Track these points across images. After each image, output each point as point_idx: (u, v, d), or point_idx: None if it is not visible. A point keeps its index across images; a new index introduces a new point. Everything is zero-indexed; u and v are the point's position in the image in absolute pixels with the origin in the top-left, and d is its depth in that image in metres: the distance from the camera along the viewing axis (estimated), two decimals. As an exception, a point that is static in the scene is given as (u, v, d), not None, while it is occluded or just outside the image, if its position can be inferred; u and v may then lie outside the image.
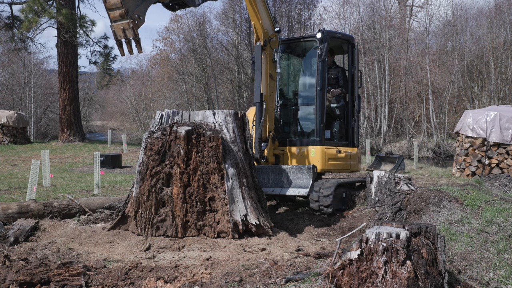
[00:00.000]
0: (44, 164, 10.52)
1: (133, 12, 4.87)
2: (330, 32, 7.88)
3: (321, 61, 7.59)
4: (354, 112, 8.21)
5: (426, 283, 3.15)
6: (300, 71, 8.46)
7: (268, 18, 7.26)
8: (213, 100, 28.95)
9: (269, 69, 7.37)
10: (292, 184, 7.01)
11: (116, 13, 4.83)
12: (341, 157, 7.84)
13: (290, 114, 8.25)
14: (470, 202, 5.64)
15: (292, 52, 8.52)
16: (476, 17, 28.09)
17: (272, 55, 7.38)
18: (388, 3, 30.57)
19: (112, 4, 4.80)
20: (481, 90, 25.17)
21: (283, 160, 7.82)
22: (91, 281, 4.10)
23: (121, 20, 4.85)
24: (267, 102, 7.34)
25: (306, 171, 6.89)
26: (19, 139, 23.70)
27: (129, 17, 4.82)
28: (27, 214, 6.38)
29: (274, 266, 4.37)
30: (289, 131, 8.20)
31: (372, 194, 7.03)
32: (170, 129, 5.54)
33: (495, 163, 11.90)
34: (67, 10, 22.61)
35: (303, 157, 7.71)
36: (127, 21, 4.83)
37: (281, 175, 7.11)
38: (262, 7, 7.09)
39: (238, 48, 28.73)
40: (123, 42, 5.02)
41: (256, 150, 7.21)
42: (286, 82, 8.51)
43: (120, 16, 4.83)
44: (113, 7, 4.80)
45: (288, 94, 8.41)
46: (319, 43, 7.62)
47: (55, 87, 32.52)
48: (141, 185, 5.55)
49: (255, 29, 7.20)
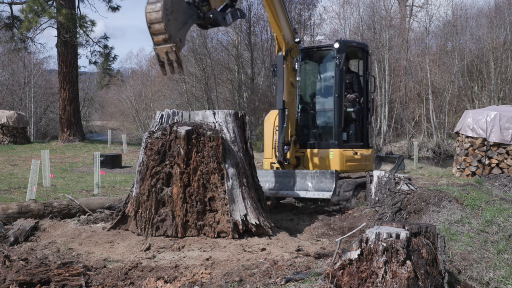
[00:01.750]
0: (44, 164, 10.52)
1: (175, 36, 5.20)
2: (347, 41, 8.52)
3: (339, 70, 8.10)
4: (369, 115, 8.70)
5: (426, 283, 3.15)
6: (318, 78, 8.93)
7: (289, 30, 7.75)
8: (213, 100, 28.94)
9: (290, 77, 7.88)
10: (316, 188, 7.47)
11: (159, 38, 5.17)
12: (358, 159, 8.28)
13: (309, 118, 8.73)
14: (470, 202, 5.63)
15: (311, 60, 9.02)
16: (476, 17, 28.10)
17: (292, 64, 7.91)
18: (388, 3, 30.58)
19: (156, 29, 5.13)
20: (481, 90, 25.17)
21: (303, 162, 8.32)
22: (91, 281, 4.10)
23: (164, 44, 5.19)
24: (289, 108, 7.88)
25: (329, 175, 7.40)
26: (19, 139, 23.69)
27: (172, 41, 5.15)
28: (27, 214, 6.38)
29: (274, 266, 4.37)
30: (309, 134, 8.68)
31: (372, 194, 7.03)
32: (170, 129, 5.54)
33: (495, 163, 11.89)
34: (67, 10, 22.61)
35: (322, 159, 8.15)
36: (170, 45, 5.16)
37: (306, 179, 7.58)
38: (284, 20, 7.57)
39: (238, 48, 28.72)
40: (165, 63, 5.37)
41: (280, 153, 7.79)
42: (305, 88, 8.95)
43: (164, 41, 5.16)
44: (157, 33, 5.14)
45: (307, 99, 8.88)
46: (336, 52, 8.12)
47: (55, 87, 32.51)
48: (141, 185, 5.55)
49: (277, 40, 7.74)
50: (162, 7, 5.04)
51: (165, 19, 5.05)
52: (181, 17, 5.33)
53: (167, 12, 5.11)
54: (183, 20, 5.37)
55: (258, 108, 26.73)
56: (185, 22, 5.43)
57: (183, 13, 5.38)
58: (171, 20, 5.14)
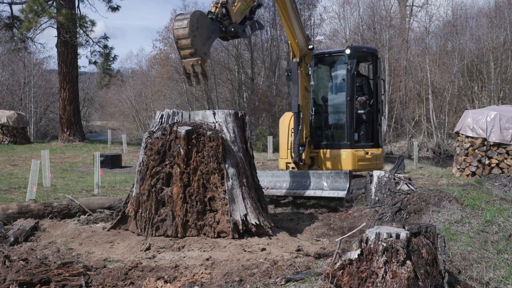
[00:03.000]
0: (44, 164, 10.52)
1: (200, 50, 5.63)
2: (358, 47, 9.07)
3: (351, 74, 8.58)
4: (379, 116, 9.16)
5: (426, 283, 3.15)
6: (330, 82, 9.44)
7: (303, 38, 8.19)
8: (213, 100, 28.93)
9: (304, 82, 8.33)
10: (331, 187, 7.80)
11: (186, 52, 5.62)
12: (369, 158, 8.79)
13: (322, 120, 9.25)
14: (470, 202, 5.63)
15: (323, 65, 9.52)
16: (476, 17, 28.09)
17: (306, 69, 8.36)
18: (388, 3, 30.57)
19: (183, 44, 5.57)
20: (481, 90, 25.17)
21: (317, 162, 8.77)
22: (91, 281, 4.10)
23: (190, 58, 5.65)
24: (303, 111, 8.34)
25: (343, 175, 7.75)
26: (19, 139, 23.69)
27: (197, 55, 5.59)
28: (27, 214, 6.38)
29: (274, 266, 4.37)
30: (322, 136, 9.17)
31: (372, 194, 7.03)
32: (170, 129, 5.54)
33: (495, 163, 11.89)
34: (67, 10, 22.61)
35: (335, 159, 8.65)
36: (196, 59, 5.61)
37: (321, 179, 7.95)
38: (298, 29, 8.01)
39: (238, 48, 28.71)
40: (191, 75, 5.82)
41: (295, 154, 8.29)
42: (317, 92, 9.44)
43: (190, 55, 5.62)
44: (184, 47, 5.59)
45: (320, 102, 9.38)
46: (347, 58, 8.61)
47: (55, 87, 32.50)
48: (141, 185, 5.55)
49: (291, 47, 8.18)
50: (189, 23, 5.49)
51: (191, 35, 5.48)
52: (205, 32, 5.76)
53: (193, 28, 5.55)
54: (207, 35, 5.80)
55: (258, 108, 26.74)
56: (209, 37, 5.86)
57: (207, 28, 5.83)
58: (196, 35, 5.56)
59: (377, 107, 9.15)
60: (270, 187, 8.27)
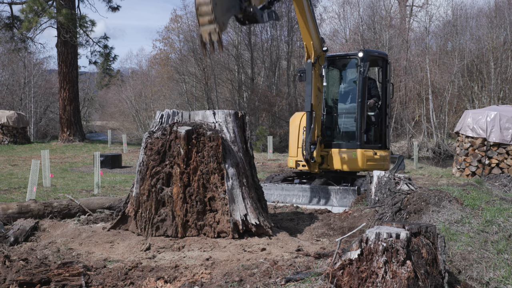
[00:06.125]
0: (44, 164, 10.52)
1: (219, 19, 5.61)
2: (370, 51, 9.24)
3: (362, 77, 8.84)
4: (387, 119, 9.41)
5: (426, 283, 3.15)
6: (342, 84, 9.73)
7: (318, 40, 8.32)
8: (213, 100, 28.94)
9: (317, 82, 8.48)
10: (340, 203, 8.14)
11: (205, 19, 5.57)
12: (377, 158, 9.03)
13: (333, 120, 9.50)
14: (470, 202, 5.63)
15: (335, 67, 9.78)
16: (476, 17, 28.10)
17: (320, 70, 8.51)
18: (388, 3, 30.58)
19: (203, 11, 5.54)
20: (481, 90, 25.17)
21: (327, 160, 9.03)
22: (91, 281, 4.10)
23: (208, 25, 5.58)
24: (316, 111, 8.49)
25: (352, 192, 8.05)
26: (19, 139, 23.70)
27: (216, 23, 5.55)
28: (27, 214, 6.38)
29: (274, 266, 4.37)
30: (333, 135, 9.41)
31: (372, 194, 7.03)
32: (170, 129, 5.54)
33: (495, 163, 11.90)
34: (67, 10, 22.62)
35: (345, 158, 8.87)
36: (214, 27, 5.55)
37: (330, 194, 8.33)
38: (314, 31, 8.15)
39: (238, 48, 28.72)
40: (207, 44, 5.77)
41: (307, 152, 8.47)
42: (329, 93, 9.70)
43: (209, 22, 5.55)
44: (204, 14, 5.55)
45: (331, 103, 9.65)
46: (360, 61, 8.85)
47: (55, 87, 32.53)
48: (141, 185, 5.55)
49: (306, 49, 8.30)
50: None
51: (212, 2, 5.45)
52: (225, 4, 5.78)
53: None
54: (227, 6, 5.82)
55: (258, 108, 26.75)
56: (228, 9, 5.88)
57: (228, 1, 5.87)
58: (217, 4, 5.55)
59: (385, 110, 9.43)
60: (280, 201, 8.60)
